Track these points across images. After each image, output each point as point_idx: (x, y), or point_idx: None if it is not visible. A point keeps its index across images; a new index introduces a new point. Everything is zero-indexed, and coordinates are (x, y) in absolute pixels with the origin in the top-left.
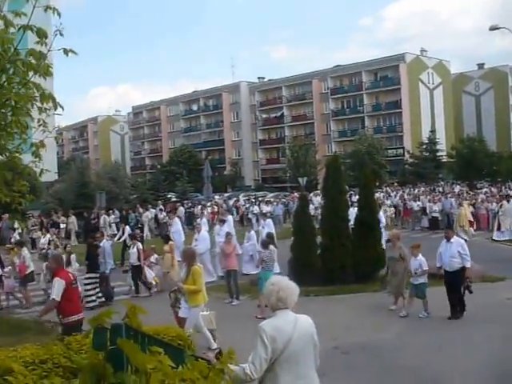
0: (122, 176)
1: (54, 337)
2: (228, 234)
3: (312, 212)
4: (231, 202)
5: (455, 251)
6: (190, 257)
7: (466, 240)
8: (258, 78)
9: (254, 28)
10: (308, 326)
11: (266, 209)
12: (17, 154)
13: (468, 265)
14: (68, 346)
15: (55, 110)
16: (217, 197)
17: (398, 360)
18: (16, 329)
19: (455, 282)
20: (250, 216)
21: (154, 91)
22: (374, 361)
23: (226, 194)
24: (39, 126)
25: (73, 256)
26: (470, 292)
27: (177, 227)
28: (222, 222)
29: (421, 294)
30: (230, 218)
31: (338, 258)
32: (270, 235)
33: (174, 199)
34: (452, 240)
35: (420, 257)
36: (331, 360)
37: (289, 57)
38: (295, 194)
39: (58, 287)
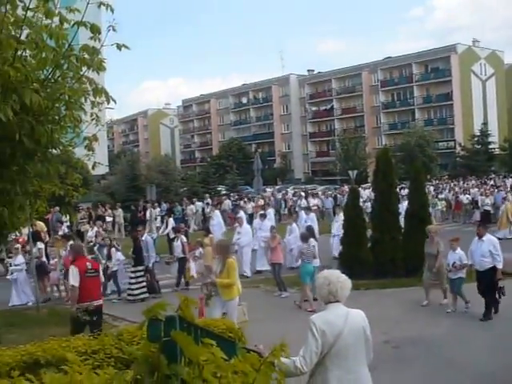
0: (172, 169)
1: (105, 328)
2: (273, 228)
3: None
4: (279, 195)
5: (486, 250)
6: (224, 249)
7: (500, 238)
8: (308, 70)
9: (303, 20)
10: (360, 321)
11: (313, 202)
12: (70, 148)
13: (499, 265)
14: (119, 337)
15: (108, 103)
16: (268, 189)
17: (448, 355)
18: (67, 319)
19: (485, 282)
20: (297, 209)
21: (203, 84)
22: (425, 355)
23: (277, 187)
24: (92, 119)
25: (113, 250)
26: (503, 294)
27: (217, 220)
28: (263, 216)
29: (456, 288)
30: (270, 211)
31: (388, 251)
32: (309, 228)
33: (224, 192)
34: (484, 238)
35: (459, 250)
36: (381, 354)
37: (338, 49)
38: (345, 187)
39: (74, 274)
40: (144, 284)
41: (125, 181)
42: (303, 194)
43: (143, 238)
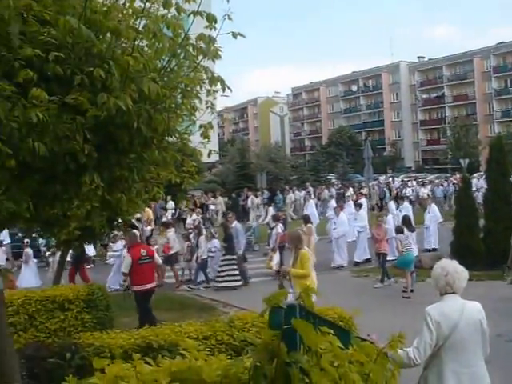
0: (282, 157)
1: (215, 314)
2: (379, 217)
3: None
4: (383, 184)
5: None
6: (296, 240)
7: None
8: (418, 57)
9: (413, 7)
10: (476, 313)
11: (423, 191)
12: (186, 136)
13: None
14: (230, 324)
15: (223, 92)
16: (381, 178)
17: None
18: (178, 305)
19: None
20: (386, 201)
21: (312, 72)
22: None
23: (389, 175)
24: (207, 107)
25: (202, 238)
26: None
27: (311, 210)
28: (359, 205)
29: None
30: (364, 201)
31: (501, 241)
32: (405, 218)
33: (334, 180)
34: None
35: None
36: (494, 348)
37: (449, 35)
38: (457, 175)
39: (126, 262)
40: (236, 272)
41: (235, 169)
42: (411, 183)
43: (233, 225)
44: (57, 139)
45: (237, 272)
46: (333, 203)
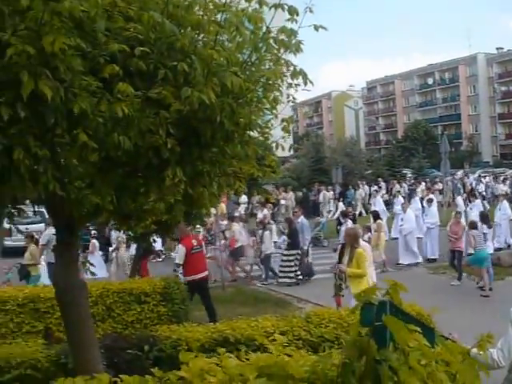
0: (357, 151)
1: (290, 309)
2: (457, 213)
3: None
4: (457, 179)
5: None
6: (352, 238)
7: None
8: (497, 48)
9: None
10: None
11: (501, 188)
12: (267, 130)
13: None
14: (307, 320)
15: (305, 85)
16: (458, 173)
17: None
18: (253, 299)
19: None
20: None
21: (386, 65)
22: None
23: (465, 170)
24: (288, 101)
25: (266, 233)
26: None
27: (380, 206)
28: (430, 201)
29: None
30: (433, 197)
31: None
32: (482, 213)
33: (409, 175)
34: None
35: None
36: None
37: None
38: None
39: (180, 253)
40: (296, 268)
41: (310, 163)
42: (486, 178)
43: (299, 220)
44: (140, 133)
45: (297, 268)
46: (401, 199)
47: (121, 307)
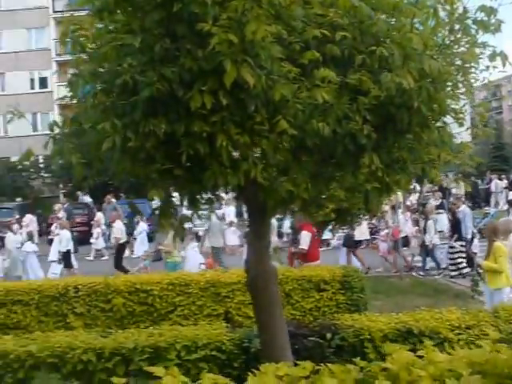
0: None
1: (471, 302)
2: None
3: None
4: None
5: None
6: (491, 232)
7: None
8: None
9: None
10: None
11: None
12: (461, 115)
13: None
14: (495, 315)
15: (503, 67)
16: None
17: None
18: (432, 291)
19: None
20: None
21: None
22: None
23: None
24: (482, 85)
25: (429, 222)
26: None
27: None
28: None
29: None
30: None
31: None
32: None
33: None
34: None
35: None
36: None
37: None
38: None
39: (306, 239)
40: (463, 260)
41: (489, 150)
42: None
43: (460, 209)
44: (338, 120)
45: (462, 260)
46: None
47: (299, 294)
